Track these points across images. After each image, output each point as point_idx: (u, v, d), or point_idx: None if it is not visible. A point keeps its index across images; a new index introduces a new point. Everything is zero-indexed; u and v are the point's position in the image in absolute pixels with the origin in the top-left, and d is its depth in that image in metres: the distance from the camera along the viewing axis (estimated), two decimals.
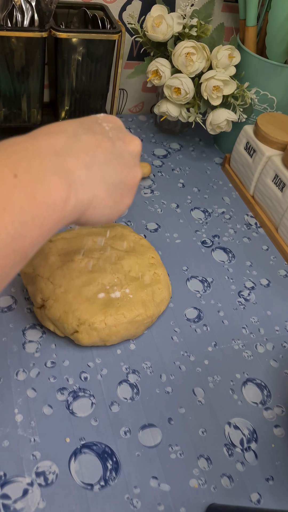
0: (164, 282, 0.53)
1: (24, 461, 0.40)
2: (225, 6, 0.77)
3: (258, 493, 0.41)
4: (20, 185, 0.27)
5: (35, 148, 0.29)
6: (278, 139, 0.65)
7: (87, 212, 0.32)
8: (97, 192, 0.32)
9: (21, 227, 0.27)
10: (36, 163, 0.28)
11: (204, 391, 0.47)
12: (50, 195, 0.28)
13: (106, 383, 0.46)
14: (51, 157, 0.29)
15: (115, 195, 0.34)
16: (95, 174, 0.32)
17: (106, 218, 0.34)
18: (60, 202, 0.29)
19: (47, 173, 0.28)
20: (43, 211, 0.28)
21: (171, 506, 0.39)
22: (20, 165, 0.28)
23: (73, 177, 0.30)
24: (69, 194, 0.29)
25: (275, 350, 0.53)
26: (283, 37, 0.65)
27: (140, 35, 0.70)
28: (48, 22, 0.59)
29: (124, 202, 0.36)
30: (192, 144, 0.82)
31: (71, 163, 0.30)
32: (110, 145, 0.34)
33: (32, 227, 0.27)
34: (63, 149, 0.30)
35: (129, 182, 0.35)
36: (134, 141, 0.37)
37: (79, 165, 0.30)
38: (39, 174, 0.28)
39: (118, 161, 0.34)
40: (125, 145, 0.36)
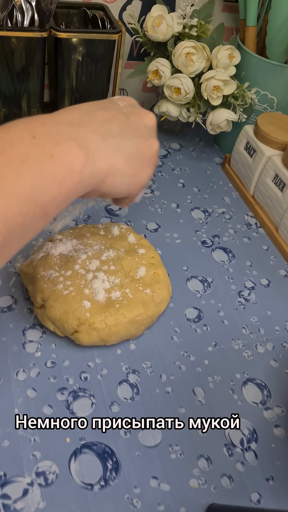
0: (164, 282, 0.52)
1: (24, 461, 0.40)
2: (225, 6, 0.77)
3: (258, 493, 0.41)
4: (38, 145, 0.29)
5: (53, 120, 0.31)
6: (278, 139, 0.65)
7: (106, 180, 0.33)
8: (114, 160, 0.33)
9: (39, 180, 0.28)
10: (53, 129, 0.30)
11: (204, 391, 0.47)
12: (67, 156, 0.29)
13: (106, 383, 0.46)
14: (68, 126, 0.31)
15: (133, 164, 0.35)
16: (110, 143, 0.33)
17: (126, 187, 0.35)
18: (78, 165, 0.30)
19: (64, 137, 0.30)
20: (61, 170, 0.29)
21: (171, 506, 0.39)
22: (39, 129, 0.29)
23: (89, 145, 0.31)
24: (86, 159, 0.30)
25: (275, 350, 0.53)
26: (283, 37, 0.65)
27: (140, 35, 0.70)
28: (48, 22, 0.59)
29: (145, 173, 0.36)
30: (192, 144, 0.82)
31: (87, 133, 0.31)
32: (125, 118, 0.35)
33: (51, 183, 0.29)
34: (79, 121, 0.32)
35: (147, 153, 0.36)
36: (148, 115, 0.38)
37: (95, 135, 0.32)
38: (56, 138, 0.29)
39: (133, 132, 0.35)
40: (140, 119, 0.37)
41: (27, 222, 0.29)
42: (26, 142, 0.29)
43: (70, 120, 0.32)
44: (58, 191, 0.29)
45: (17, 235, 0.28)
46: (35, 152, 0.28)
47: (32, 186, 0.28)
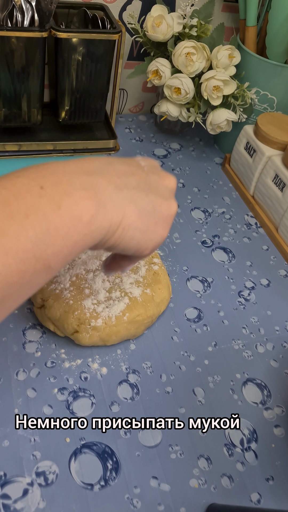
0: (164, 282, 0.52)
1: (24, 461, 0.40)
2: (225, 6, 0.77)
3: (258, 493, 0.41)
4: (46, 196, 0.27)
5: (66, 168, 0.29)
6: (278, 139, 0.65)
7: (117, 233, 0.31)
8: (126, 211, 0.31)
9: (43, 234, 0.27)
10: (65, 178, 0.28)
11: (204, 391, 0.47)
12: (76, 207, 0.28)
13: (106, 383, 0.46)
14: (81, 175, 0.29)
15: (147, 221, 0.33)
16: (125, 194, 0.31)
17: (137, 243, 0.33)
18: (87, 215, 0.28)
19: (75, 187, 0.28)
20: (67, 222, 0.27)
21: (171, 506, 0.39)
22: (48, 179, 0.28)
23: (103, 194, 0.29)
24: (97, 209, 0.29)
25: (275, 350, 0.53)
26: (283, 37, 0.65)
27: (140, 35, 0.70)
28: (48, 22, 0.59)
29: (158, 232, 0.34)
30: (192, 144, 0.82)
31: (102, 182, 0.30)
32: (144, 175, 0.33)
33: (56, 236, 0.27)
34: (95, 170, 0.30)
35: (163, 212, 0.34)
36: (169, 177, 0.36)
37: (110, 184, 0.30)
38: (67, 188, 0.28)
39: (151, 189, 0.33)
40: (161, 179, 0.35)
41: (26, 279, 0.27)
42: (33, 193, 0.27)
43: (85, 169, 0.30)
44: (63, 244, 0.28)
45: (14, 292, 0.27)
46: (41, 204, 0.27)
47: (33, 241, 0.27)
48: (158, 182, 0.35)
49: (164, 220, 0.34)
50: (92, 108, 0.70)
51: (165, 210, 0.34)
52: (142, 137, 0.80)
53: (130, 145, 0.78)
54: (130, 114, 0.86)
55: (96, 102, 0.69)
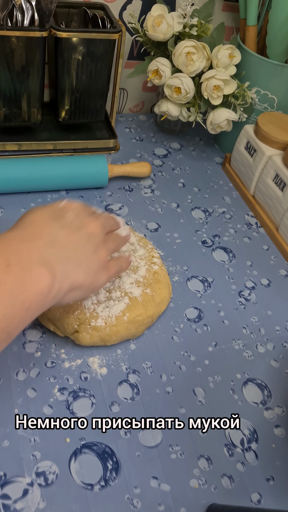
0: (164, 282, 0.52)
1: (24, 461, 0.40)
2: (226, 6, 0.77)
3: (259, 493, 0.41)
4: (11, 272, 0.32)
5: (24, 246, 0.35)
6: (278, 139, 0.65)
7: (67, 295, 0.37)
8: (74, 277, 0.37)
9: (10, 309, 0.31)
10: (25, 256, 0.34)
11: (204, 391, 0.47)
12: (37, 282, 0.33)
13: (106, 383, 0.46)
14: (37, 253, 0.35)
15: (90, 276, 0.39)
16: (72, 263, 0.37)
17: (83, 296, 0.40)
18: (46, 289, 0.34)
19: (34, 264, 0.34)
20: (30, 296, 0.32)
21: (171, 506, 0.39)
22: (12, 257, 0.33)
23: (55, 269, 0.35)
24: (53, 282, 0.34)
25: (276, 350, 0.53)
26: (284, 37, 0.65)
27: (140, 34, 0.70)
28: (48, 21, 0.59)
29: (100, 279, 0.41)
30: (193, 144, 0.82)
31: (53, 258, 0.36)
32: (77, 236, 0.39)
33: (20, 310, 0.32)
34: (46, 248, 0.36)
35: (99, 262, 0.40)
36: (91, 225, 0.41)
37: (60, 259, 0.36)
38: (27, 265, 0.33)
39: (84, 246, 0.39)
40: (86, 230, 0.41)
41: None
42: (1, 269, 0.32)
43: (39, 248, 0.35)
44: (25, 316, 0.32)
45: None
46: (8, 280, 0.32)
47: (3, 315, 0.31)
48: (87, 234, 0.40)
49: (101, 267, 0.41)
50: (92, 107, 0.69)
51: (97, 259, 0.40)
52: (142, 137, 0.80)
53: (130, 145, 0.78)
54: (130, 114, 0.86)
55: (96, 102, 0.69)
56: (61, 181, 0.65)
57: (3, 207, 0.62)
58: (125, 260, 0.47)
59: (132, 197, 0.68)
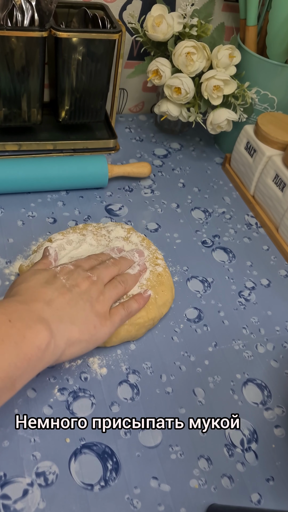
0: (167, 284, 0.52)
1: (24, 461, 0.40)
2: (226, 6, 0.77)
3: (259, 493, 0.41)
4: (14, 327, 0.36)
5: (23, 308, 0.39)
6: (278, 139, 0.65)
7: (66, 351, 0.40)
8: (69, 334, 0.40)
9: (15, 357, 0.35)
10: (25, 315, 0.38)
11: (204, 391, 0.47)
12: (37, 338, 0.37)
13: (106, 383, 0.46)
14: (35, 313, 0.39)
15: (88, 330, 0.42)
16: (66, 323, 0.40)
17: (85, 349, 0.42)
18: (44, 344, 0.37)
19: (34, 322, 0.37)
20: (30, 349, 0.36)
21: (171, 506, 0.39)
22: (14, 315, 0.37)
23: (51, 327, 0.38)
24: (50, 339, 0.37)
25: (276, 350, 0.53)
26: (284, 37, 0.65)
27: (140, 34, 0.70)
28: (48, 21, 0.59)
29: (101, 331, 0.43)
30: (193, 144, 0.82)
31: (49, 318, 0.39)
32: (70, 295, 0.42)
33: (23, 359, 0.35)
34: (43, 309, 0.40)
35: (96, 314, 0.43)
36: (82, 284, 0.44)
37: (54, 319, 0.39)
38: (28, 322, 0.37)
39: (78, 304, 0.42)
40: (79, 288, 0.43)
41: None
42: (5, 324, 0.36)
43: (37, 309, 0.39)
44: (27, 366, 0.36)
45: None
46: (11, 334, 0.35)
47: (9, 363, 0.34)
48: (80, 292, 0.43)
49: (100, 320, 0.43)
50: (92, 107, 0.69)
51: (94, 313, 0.43)
52: (142, 137, 0.80)
53: (130, 145, 0.78)
54: (130, 114, 0.86)
55: (96, 102, 0.69)
56: (61, 181, 0.65)
57: (3, 207, 0.62)
58: (135, 301, 0.48)
59: (132, 197, 0.68)
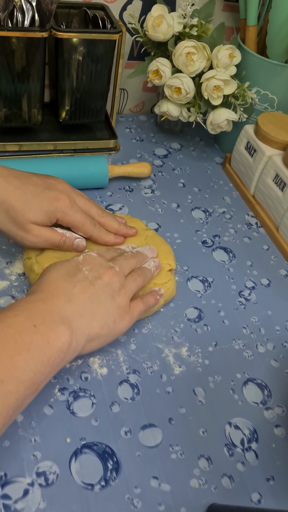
0: (173, 280, 0.54)
1: (24, 461, 0.40)
2: (226, 6, 0.77)
3: (259, 493, 0.41)
4: (38, 332, 0.36)
5: (45, 308, 0.39)
6: (278, 139, 0.65)
7: (86, 347, 0.41)
8: (89, 330, 0.41)
9: (40, 365, 0.35)
10: (47, 318, 0.38)
11: (204, 391, 0.47)
12: (59, 340, 0.37)
13: (107, 383, 0.46)
14: (57, 313, 0.39)
15: (107, 325, 0.42)
16: (87, 318, 0.41)
17: (104, 344, 0.43)
18: (66, 345, 0.38)
19: (56, 324, 0.38)
20: (54, 352, 0.37)
21: (172, 506, 0.39)
22: (37, 319, 0.37)
23: (72, 326, 0.39)
24: (71, 338, 0.38)
25: (276, 350, 0.53)
26: (284, 37, 0.65)
27: (140, 35, 0.70)
28: (49, 22, 0.59)
29: (120, 325, 0.43)
30: (193, 144, 0.82)
31: (70, 315, 0.40)
32: (92, 289, 0.42)
33: (46, 365, 0.36)
34: (64, 306, 0.40)
35: (117, 308, 0.43)
36: (105, 274, 0.44)
37: (75, 315, 0.40)
38: (51, 325, 0.38)
39: (100, 298, 0.42)
40: (102, 281, 0.43)
41: (25, 402, 0.35)
42: (30, 330, 0.36)
43: (58, 307, 0.39)
44: (50, 370, 0.37)
45: (12, 415, 0.34)
46: (36, 340, 0.36)
47: (34, 371, 0.35)
48: (103, 284, 0.43)
49: (119, 315, 0.43)
50: (92, 108, 0.70)
51: (115, 308, 0.43)
52: (142, 137, 0.80)
53: (131, 145, 0.78)
54: (130, 114, 0.86)
55: (97, 102, 0.69)
56: None
57: None
58: (153, 296, 0.48)
59: (132, 197, 0.68)
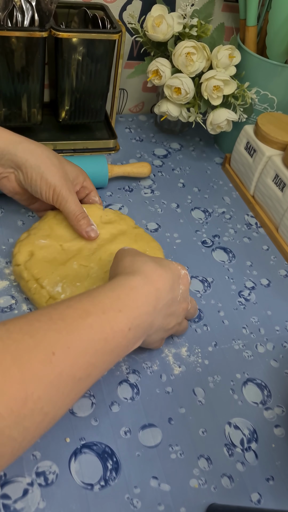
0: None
1: (24, 461, 0.40)
2: (225, 6, 0.77)
3: (259, 493, 0.41)
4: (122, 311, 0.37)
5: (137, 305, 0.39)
6: (278, 139, 0.65)
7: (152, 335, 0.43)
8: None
9: (134, 329, 0.38)
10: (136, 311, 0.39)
11: (204, 391, 0.47)
12: (140, 318, 0.39)
13: (106, 383, 0.46)
14: (146, 315, 0.40)
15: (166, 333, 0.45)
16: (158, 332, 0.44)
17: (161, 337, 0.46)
18: (147, 324, 0.40)
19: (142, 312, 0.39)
20: (141, 322, 0.38)
21: (171, 506, 0.39)
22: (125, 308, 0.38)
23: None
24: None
25: (276, 350, 0.53)
26: (284, 37, 0.65)
27: (140, 35, 0.70)
28: (48, 22, 0.59)
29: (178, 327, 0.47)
30: (192, 144, 0.82)
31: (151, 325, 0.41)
32: (176, 316, 0.45)
33: (136, 331, 0.38)
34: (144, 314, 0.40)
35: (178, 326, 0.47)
36: (184, 304, 0.46)
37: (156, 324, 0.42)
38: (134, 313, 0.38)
39: (173, 317, 0.44)
40: (180, 306, 0.45)
41: (108, 369, 0.37)
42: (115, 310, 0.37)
43: (146, 309, 0.40)
44: (136, 339, 0.39)
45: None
46: (121, 315, 0.37)
47: (128, 338, 0.38)
48: (179, 309, 0.45)
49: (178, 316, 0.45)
50: (92, 108, 0.70)
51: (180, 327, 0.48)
52: (142, 137, 0.80)
53: (130, 145, 0.78)
54: (130, 114, 0.86)
55: (96, 102, 0.69)
56: None
57: (3, 207, 0.62)
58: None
59: (132, 197, 0.68)
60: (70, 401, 0.33)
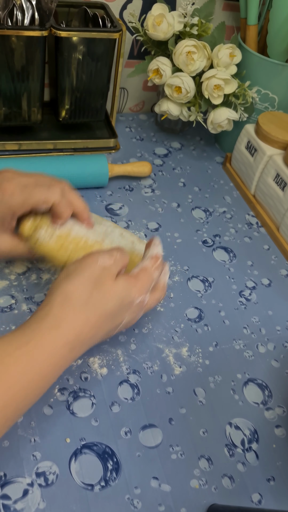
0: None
1: (24, 461, 0.40)
2: (226, 5, 0.77)
3: (259, 493, 0.41)
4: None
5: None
6: (279, 138, 0.65)
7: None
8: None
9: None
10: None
11: (205, 391, 0.47)
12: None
13: (107, 383, 0.46)
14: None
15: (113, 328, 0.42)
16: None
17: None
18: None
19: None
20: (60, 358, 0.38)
21: (172, 506, 0.39)
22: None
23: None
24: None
25: (276, 350, 0.53)
26: (284, 36, 0.65)
27: (140, 33, 0.70)
28: (49, 20, 0.59)
29: (128, 322, 0.43)
30: (193, 143, 0.81)
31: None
32: (130, 313, 0.43)
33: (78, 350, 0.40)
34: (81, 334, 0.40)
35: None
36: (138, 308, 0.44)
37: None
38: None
39: (125, 316, 0.42)
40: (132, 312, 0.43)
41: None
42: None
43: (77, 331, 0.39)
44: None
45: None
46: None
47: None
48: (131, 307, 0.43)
49: (134, 311, 0.43)
50: (92, 107, 0.69)
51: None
52: (142, 136, 0.80)
53: (131, 144, 0.78)
54: (130, 113, 0.86)
55: (97, 101, 0.69)
56: None
57: None
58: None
59: (132, 196, 0.68)
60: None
